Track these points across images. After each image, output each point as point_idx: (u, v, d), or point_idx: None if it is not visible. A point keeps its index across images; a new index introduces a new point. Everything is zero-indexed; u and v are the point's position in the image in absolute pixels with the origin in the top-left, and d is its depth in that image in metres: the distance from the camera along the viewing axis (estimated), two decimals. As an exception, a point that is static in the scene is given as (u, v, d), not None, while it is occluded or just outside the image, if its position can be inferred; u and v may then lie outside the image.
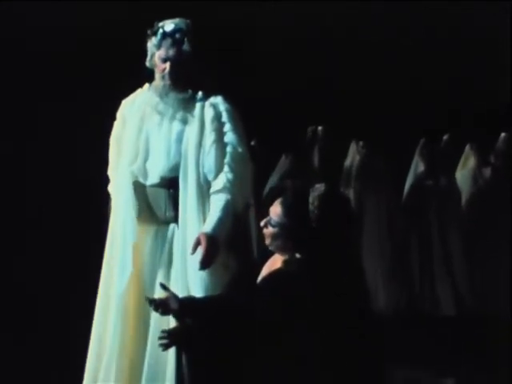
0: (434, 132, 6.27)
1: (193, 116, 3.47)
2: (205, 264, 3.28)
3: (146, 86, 3.64)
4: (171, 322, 3.17)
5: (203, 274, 3.36)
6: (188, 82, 3.51)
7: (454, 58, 6.19)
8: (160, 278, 3.36)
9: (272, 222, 2.87)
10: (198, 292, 3.33)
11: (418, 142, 6.37)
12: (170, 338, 2.82)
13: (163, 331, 2.84)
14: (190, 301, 2.93)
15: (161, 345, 2.83)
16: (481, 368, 4.92)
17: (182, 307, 2.82)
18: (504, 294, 5.87)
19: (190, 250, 3.33)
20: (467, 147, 6.46)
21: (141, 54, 3.61)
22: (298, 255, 2.86)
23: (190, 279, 3.39)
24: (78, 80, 5.14)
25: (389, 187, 6.34)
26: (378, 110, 6.17)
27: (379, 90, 6.16)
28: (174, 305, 2.82)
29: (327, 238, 2.81)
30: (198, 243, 3.30)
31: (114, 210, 3.60)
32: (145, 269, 3.50)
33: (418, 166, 6.38)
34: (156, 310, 2.84)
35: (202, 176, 3.45)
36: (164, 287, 2.91)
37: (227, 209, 3.38)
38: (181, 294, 3.02)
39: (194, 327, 2.80)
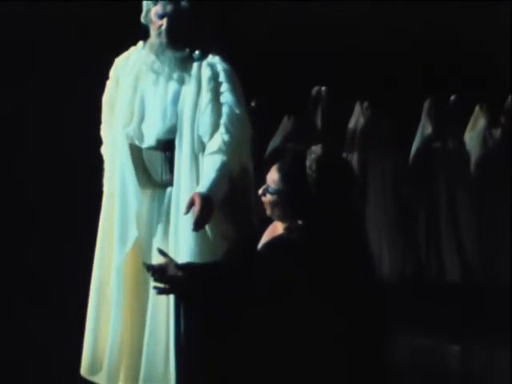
0: (442, 92, 6.23)
1: (190, 76, 3.45)
2: (198, 224, 3.25)
3: (140, 43, 3.61)
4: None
5: (200, 241, 3.34)
6: (185, 40, 3.48)
7: (466, 16, 6.14)
8: (157, 244, 3.33)
9: (270, 190, 2.84)
10: (194, 259, 3.32)
11: (425, 102, 6.34)
12: (168, 284, 2.80)
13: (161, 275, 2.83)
14: (188, 267, 2.91)
15: (155, 287, 2.82)
16: (487, 336, 4.94)
17: (180, 273, 2.80)
18: (512, 260, 5.89)
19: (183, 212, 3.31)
20: (477, 108, 6.41)
21: (135, 10, 3.57)
22: (298, 222, 2.82)
23: (186, 245, 3.37)
24: (66, 38, 5.10)
25: (395, 150, 6.32)
26: (383, 70, 6.12)
27: (385, 49, 6.10)
28: (172, 271, 2.80)
29: (327, 203, 2.78)
30: (191, 203, 3.26)
31: (108, 173, 3.60)
32: (142, 234, 3.49)
33: (425, 127, 6.35)
34: (153, 276, 2.81)
35: (197, 138, 3.42)
36: (162, 252, 2.90)
37: (222, 171, 3.35)
38: (178, 261, 2.97)
39: (195, 284, 2.80)
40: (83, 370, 3.53)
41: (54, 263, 4.81)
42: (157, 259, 3.04)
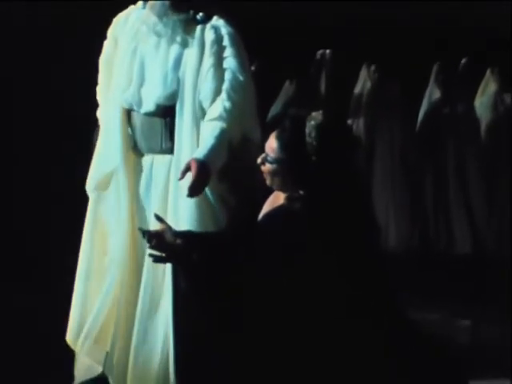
0: (452, 55, 6.20)
1: (192, 39, 3.40)
2: (193, 190, 3.19)
3: (140, 3, 3.54)
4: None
5: (200, 208, 3.30)
6: (189, 2, 3.42)
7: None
8: (155, 211, 3.24)
9: (268, 159, 2.80)
10: (193, 228, 3.25)
11: (434, 66, 6.32)
12: (165, 253, 2.78)
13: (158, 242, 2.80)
14: (186, 234, 2.87)
15: (151, 255, 2.80)
16: (498, 309, 4.94)
17: (177, 240, 2.78)
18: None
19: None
20: (487, 72, 6.41)
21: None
22: (300, 192, 2.78)
23: (185, 214, 3.31)
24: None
25: (402, 116, 6.32)
26: (390, 32, 6.11)
27: (392, 10, 6.04)
28: (169, 237, 2.77)
29: (329, 172, 2.74)
30: (187, 169, 3.21)
31: (102, 137, 3.56)
32: (139, 202, 3.46)
33: (433, 92, 6.35)
34: (149, 241, 2.78)
35: (198, 104, 3.37)
36: (159, 218, 2.87)
37: (222, 138, 3.30)
38: (177, 230, 2.96)
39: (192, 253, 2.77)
40: (69, 336, 3.52)
41: (42, 232, 4.86)
42: (154, 227, 3.02)
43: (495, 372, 4.01)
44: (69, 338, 3.51)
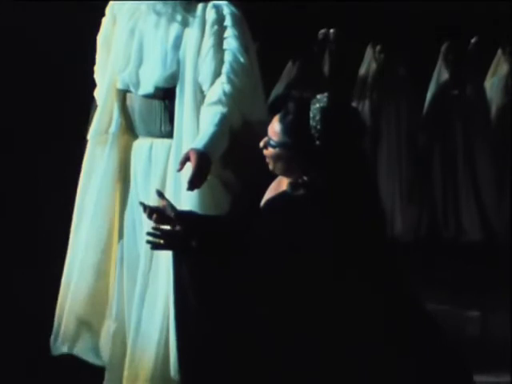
0: (461, 34, 6.19)
1: (193, 18, 3.38)
2: (193, 184, 3.15)
3: None
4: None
5: (202, 195, 3.28)
6: None
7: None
8: (153, 198, 3.18)
9: (271, 143, 2.76)
10: None
11: (442, 45, 6.30)
12: (164, 239, 2.76)
13: (154, 228, 2.78)
14: (187, 213, 2.87)
15: (148, 242, 2.78)
16: (510, 299, 4.87)
17: (179, 218, 2.77)
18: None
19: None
20: (499, 51, 6.39)
21: None
22: (303, 177, 2.74)
23: (186, 201, 3.28)
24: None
25: (409, 98, 6.32)
26: (396, 10, 6.10)
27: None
28: (169, 213, 2.78)
29: (334, 157, 2.70)
30: (186, 159, 3.18)
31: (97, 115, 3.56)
32: (137, 187, 3.46)
33: (441, 73, 6.33)
34: (150, 217, 2.80)
35: (199, 86, 3.35)
36: (160, 194, 2.87)
37: (222, 125, 3.27)
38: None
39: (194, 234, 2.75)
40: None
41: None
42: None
43: (505, 364, 4.00)
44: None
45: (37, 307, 3.81)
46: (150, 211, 2.80)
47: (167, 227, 2.81)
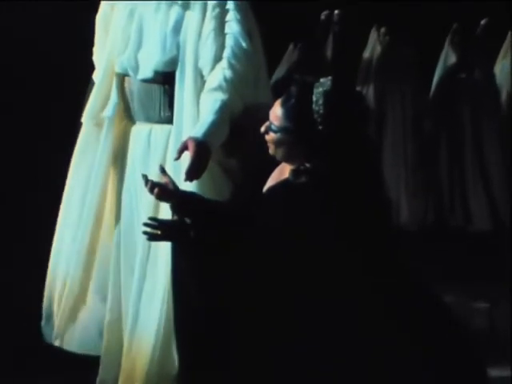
0: (470, 15, 6.16)
1: (195, 1, 3.35)
2: (192, 174, 3.14)
3: None
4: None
5: (203, 183, 3.24)
6: None
7: None
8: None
9: (272, 127, 2.76)
10: None
11: (450, 28, 6.30)
12: (161, 230, 2.78)
13: (151, 218, 2.81)
14: (189, 194, 2.90)
15: (145, 233, 2.79)
16: None
17: (180, 197, 2.81)
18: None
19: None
20: (509, 34, 6.39)
21: None
22: (306, 164, 2.74)
23: (184, 186, 3.18)
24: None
25: (415, 82, 6.32)
26: None
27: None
28: (171, 190, 2.82)
29: (337, 143, 2.70)
30: (184, 148, 3.16)
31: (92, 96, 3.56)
32: (135, 173, 3.42)
33: (448, 56, 6.34)
34: (151, 191, 2.82)
35: (199, 71, 3.33)
36: (163, 171, 2.89)
37: (222, 112, 3.24)
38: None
39: (192, 224, 2.77)
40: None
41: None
42: (150, 201, 3.13)
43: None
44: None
45: (30, 299, 3.77)
46: (152, 185, 2.81)
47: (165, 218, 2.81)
